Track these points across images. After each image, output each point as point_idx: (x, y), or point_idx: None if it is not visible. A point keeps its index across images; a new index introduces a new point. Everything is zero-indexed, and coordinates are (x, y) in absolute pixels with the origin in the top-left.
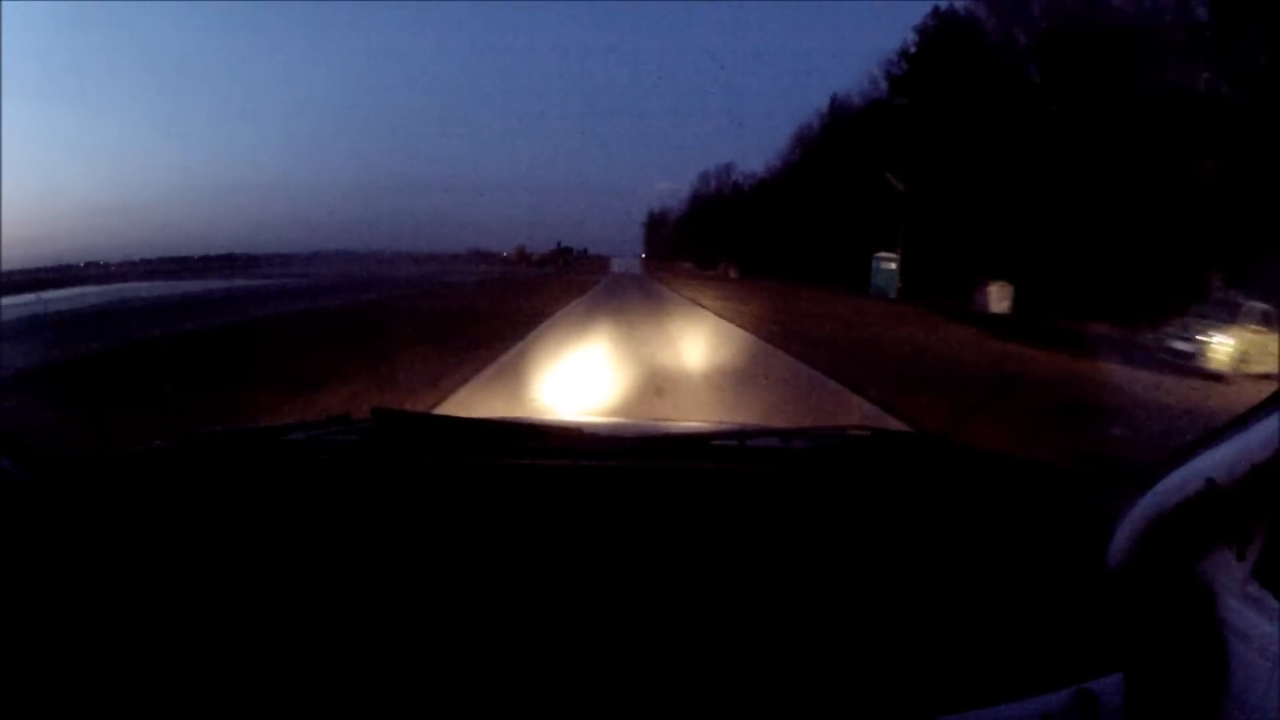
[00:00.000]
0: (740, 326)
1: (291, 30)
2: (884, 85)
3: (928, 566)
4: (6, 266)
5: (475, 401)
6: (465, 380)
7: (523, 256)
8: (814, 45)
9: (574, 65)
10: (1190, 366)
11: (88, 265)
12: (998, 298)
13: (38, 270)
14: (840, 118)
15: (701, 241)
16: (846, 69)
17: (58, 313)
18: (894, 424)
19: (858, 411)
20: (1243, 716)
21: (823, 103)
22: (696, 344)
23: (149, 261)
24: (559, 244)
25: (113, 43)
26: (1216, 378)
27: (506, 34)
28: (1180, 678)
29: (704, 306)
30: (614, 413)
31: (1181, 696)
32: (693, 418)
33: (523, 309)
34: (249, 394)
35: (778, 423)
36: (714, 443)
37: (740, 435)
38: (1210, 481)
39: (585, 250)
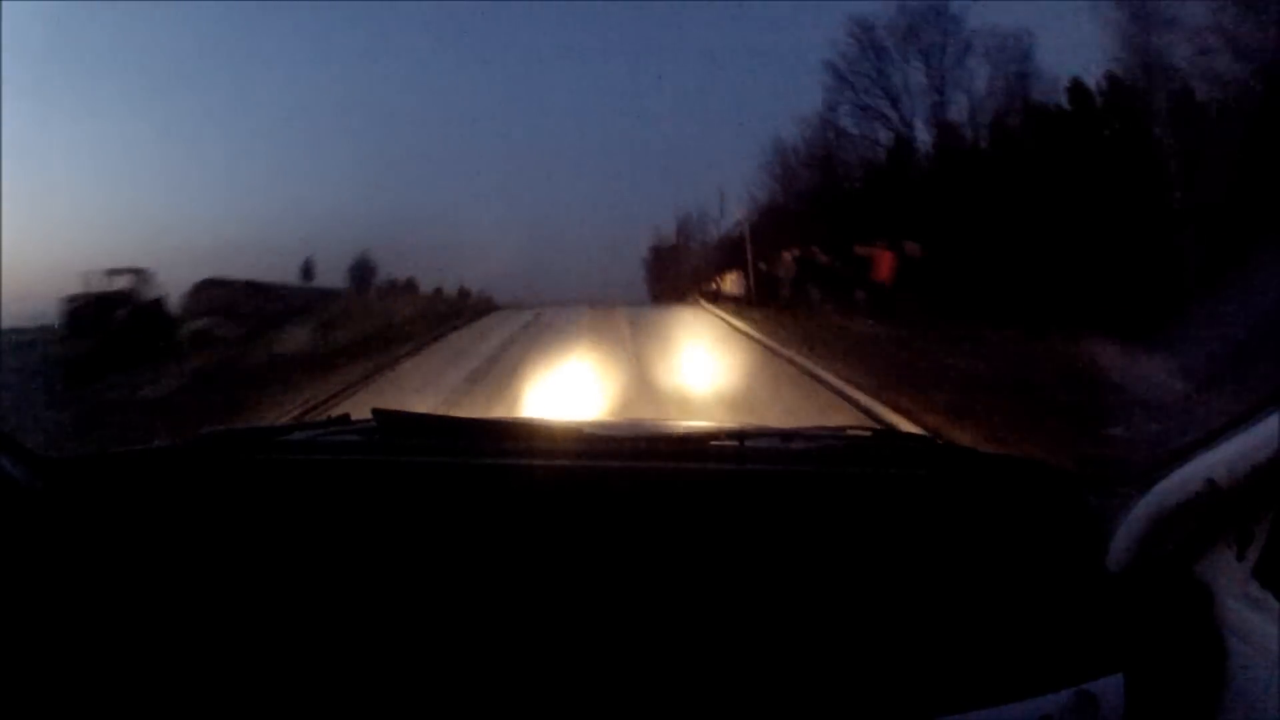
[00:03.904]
0: None
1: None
2: None
3: (927, 566)
4: None
5: None
6: None
7: None
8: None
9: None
10: None
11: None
12: None
13: None
14: None
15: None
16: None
17: None
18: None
19: None
20: (1242, 717)
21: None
22: None
23: None
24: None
25: None
26: None
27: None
28: (1180, 679)
29: None
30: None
31: (1181, 697)
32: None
33: None
34: None
35: None
36: (713, 443)
37: (740, 435)
38: (1210, 482)
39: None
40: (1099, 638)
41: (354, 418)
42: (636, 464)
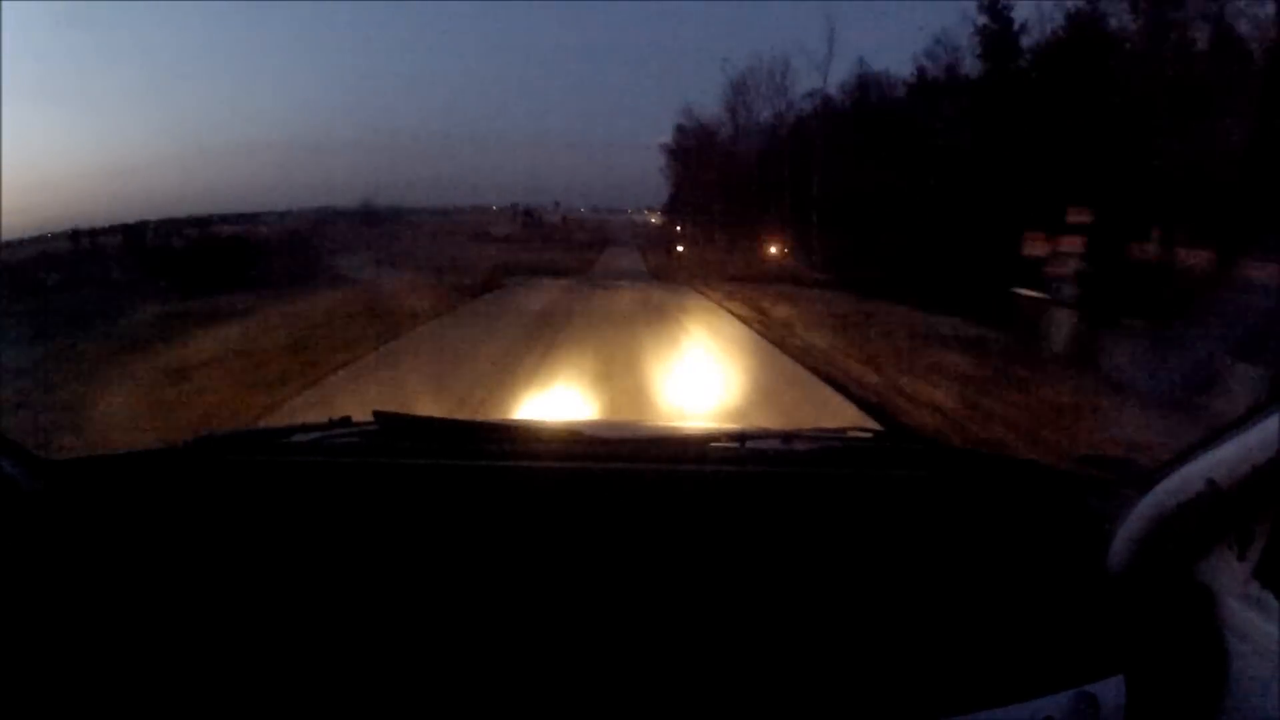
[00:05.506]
0: None
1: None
2: None
3: (928, 568)
4: None
5: None
6: None
7: None
8: None
9: None
10: None
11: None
12: None
13: None
14: None
15: None
16: None
17: None
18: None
19: None
20: (1243, 718)
21: None
22: None
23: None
24: None
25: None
26: None
27: None
28: (1181, 680)
29: None
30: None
31: (1182, 699)
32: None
33: None
34: None
35: None
36: (714, 444)
37: (741, 437)
38: (1211, 482)
39: None
40: (1100, 639)
41: (356, 420)
42: (637, 466)
